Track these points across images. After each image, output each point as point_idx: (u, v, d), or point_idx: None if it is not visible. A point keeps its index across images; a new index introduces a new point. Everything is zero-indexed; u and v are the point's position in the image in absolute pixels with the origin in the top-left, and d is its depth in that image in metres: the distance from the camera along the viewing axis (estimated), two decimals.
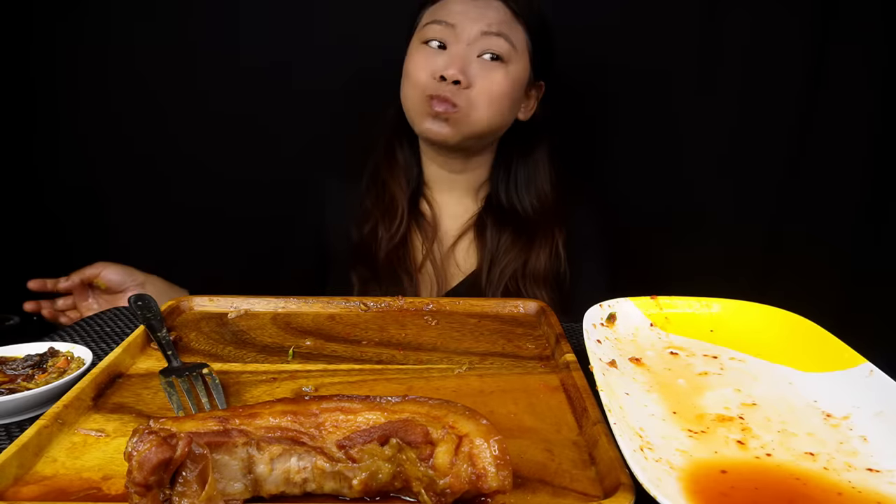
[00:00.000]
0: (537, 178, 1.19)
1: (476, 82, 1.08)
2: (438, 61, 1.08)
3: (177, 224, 1.51)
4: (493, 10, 1.09)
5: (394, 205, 1.19)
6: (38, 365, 0.77)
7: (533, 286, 1.15)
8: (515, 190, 1.20)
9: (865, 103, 1.40)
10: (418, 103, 1.10)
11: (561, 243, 1.18)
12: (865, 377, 0.69)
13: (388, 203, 1.20)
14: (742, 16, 1.38)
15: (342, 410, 0.54)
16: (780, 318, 0.84)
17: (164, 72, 1.43)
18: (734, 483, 0.55)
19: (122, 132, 1.47)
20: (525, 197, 1.19)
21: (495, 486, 0.49)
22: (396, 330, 0.90)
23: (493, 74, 1.08)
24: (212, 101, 1.44)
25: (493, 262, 1.17)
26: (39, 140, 1.47)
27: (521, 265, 1.16)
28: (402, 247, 1.19)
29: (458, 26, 1.07)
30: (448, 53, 1.08)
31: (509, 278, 1.15)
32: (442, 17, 1.09)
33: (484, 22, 1.07)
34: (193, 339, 0.86)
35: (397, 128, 1.22)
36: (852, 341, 0.74)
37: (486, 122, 1.11)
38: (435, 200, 1.24)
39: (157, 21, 1.40)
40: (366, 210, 1.21)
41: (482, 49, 1.08)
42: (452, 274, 1.21)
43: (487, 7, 1.09)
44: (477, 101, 1.08)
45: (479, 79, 1.08)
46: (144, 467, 0.47)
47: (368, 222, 1.20)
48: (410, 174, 1.22)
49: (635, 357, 0.78)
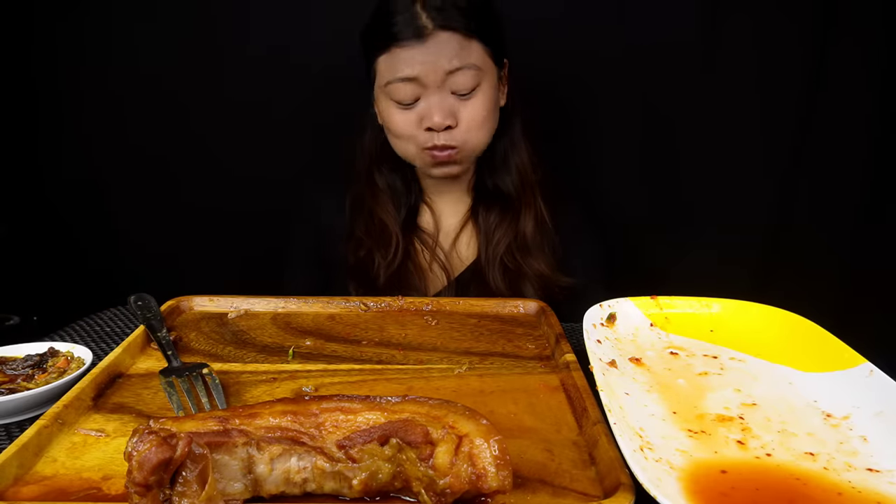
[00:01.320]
0: (514, 154, 1.21)
1: (461, 117, 1.09)
2: (418, 113, 1.08)
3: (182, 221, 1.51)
4: (444, 45, 1.05)
5: (386, 233, 1.19)
6: (38, 365, 0.77)
7: (527, 257, 1.17)
8: (498, 170, 1.21)
9: (865, 105, 1.40)
10: (417, 155, 1.12)
11: (545, 212, 1.19)
12: (865, 377, 0.69)
13: (380, 232, 1.19)
14: (742, 19, 1.38)
15: (342, 410, 0.54)
16: (780, 318, 0.84)
17: (168, 68, 1.43)
18: (734, 483, 0.55)
19: (126, 129, 1.46)
20: (506, 175, 1.21)
21: (495, 486, 0.49)
22: (396, 330, 0.90)
23: (473, 104, 1.09)
24: (217, 97, 1.44)
25: (488, 241, 1.19)
26: (42, 138, 1.47)
27: (512, 238, 1.18)
28: (403, 266, 1.19)
29: (422, 77, 1.06)
30: (425, 103, 1.08)
31: (504, 253, 1.17)
32: (403, 74, 1.06)
33: (443, 62, 1.05)
34: (193, 339, 0.86)
35: (377, 156, 1.21)
36: (852, 341, 0.74)
37: (485, 141, 1.14)
38: (435, 203, 1.25)
39: (158, 17, 1.40)
40: (357, 238, 1.20)
41: (453, 88, 1.07)
42: (456, 267, 1.22)
43: (439, 45, 1.05)
44: (469, 132, 1.10)
45: (462, 113, 1.09)
46: (144, 467, 0.47)
47: (362, 248, 1.19)
48: (398, 200, 1.22)
49: (635, 357, 0.78)
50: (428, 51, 1.05)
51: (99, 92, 1.44)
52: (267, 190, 1.47)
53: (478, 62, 1.08)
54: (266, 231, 1.46)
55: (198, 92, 1.44)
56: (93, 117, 1.46)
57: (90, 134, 1.47)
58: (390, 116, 1.11)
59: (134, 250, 1.53)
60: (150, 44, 1.41)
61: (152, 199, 1.51)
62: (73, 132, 1.47)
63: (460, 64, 1.06)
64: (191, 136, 1.46)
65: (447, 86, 1.07)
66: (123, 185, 1.50)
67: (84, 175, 1.49)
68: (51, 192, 1.49)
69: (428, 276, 1.20)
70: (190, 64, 1.43)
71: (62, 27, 1.41)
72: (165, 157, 1.48)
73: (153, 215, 1.52)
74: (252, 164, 1.48)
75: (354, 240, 1.20)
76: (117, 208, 1.52)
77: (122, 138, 1.47)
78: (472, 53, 1.07)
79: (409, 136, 1.10)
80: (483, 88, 1.09)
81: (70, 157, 1.48)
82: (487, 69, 1.10)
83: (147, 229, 1.52)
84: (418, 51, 1.05)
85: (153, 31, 1.41)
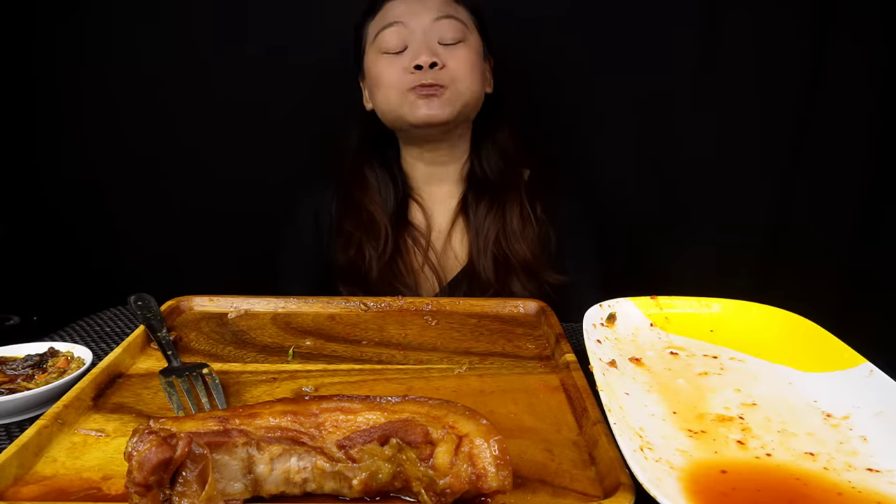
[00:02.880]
0: (500, 141, 1.23)
1: (448, 62, 1.11)
2: (406, 58, 1.11)
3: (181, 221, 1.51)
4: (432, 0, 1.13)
5: (375, 225, 1.19)
6: (38, 365, 0.77)
7: (515, 245, 1.18)
8: (486, 159, 1.23)
9: (865, 103, 1.39)
10: (402, 98, 1.12)
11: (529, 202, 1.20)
12: (865, 377, 0.69)
13: (368, 223, 1.20)
14: (741, 15, 1.38)
15: (342, 410, 0.54)
16: (780, 318, 0.84)
17: (167, 70, 1.43)
18: (734, 483, 0.55)
19: (124, 130, 1.46)
20: (493, 163, 1.22)
21: (495, 486, 0.49)
22: (396, 330, 0.90)
23: (459, 52, 1.12)
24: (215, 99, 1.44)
25: (478, 232, 1.20)
26: (41, 138, 1.47)
27: (501, 227, 1.19)
28: (393, 262, 1.19)
29: (409, 22, 1.11)
30: (411, 48, 1.11)
31: (493, 242, 1.18)
32: (390, 20, 1.12)
33: (431, 10, 1.12)
34: (193, 339, 0.86)
35: (363, 150, 1.24)
36: (852, 341, 0.74)
37: (472, 91, 1.15)
38: (424, 200, 1.25)
39: (159, 18, 1.40)
40: (347, 234, 1.21)
41: (439, 36, 1.12)
42: (451, 266, 1.22)
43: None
44: (456, 74, 1.12)
45: (449, 59, 1.12)
46: (144, 467, 0.47)
47: (352, 245, 1.20)
48: (387, 193, 1.22)
49: (635, 357, 0.78)
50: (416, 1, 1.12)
51: (98, 92, 1.44)
52: (266, 191, 1.47)
53: (463, 19, 1.14)
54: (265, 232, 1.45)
55: (197, 93, 1.45)
56: (92, 118, 1.46)
57: (89, 134, 1.47)
58: (379, 71, 1.14)
59: (134, 250, 1.53)
60: (150, 44, 1.41)
61: (152, 199, 1.51)
62: (71, 133, 1.47)
63: (446, 13, 1.12)
64: (190, 136, 1.46)
65: (433, 34, 1.12)
66: (123, 185, 1.50)
67: (84, 175, 1.49)
68: (50, 192, 1.49)
69: (419, 277, 1.20)
70: (189, 65, 1.43)
71: (62, 27, 1.41)
72: (164, 158, 1.48)
73: (153, 215, 1.52)
74: (251, 165, 1.48)
75: (344, 235, 1.21)
76: (117, 208, 1.52)
77: (121, 139, 1.47)
78: (459, 13, 1.14)
79: (396, 82, 1.12)
80: (468, 44, 1.14)
81: (69, 158, 1.48)
82: (473, 33, 1.16)
83: (147, 229, 1.52)
84: (408, 3, 1.12)
85: (153, 31, 1.41)
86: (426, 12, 1.11)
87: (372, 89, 1.18)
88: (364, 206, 1.21)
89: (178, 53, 1.42)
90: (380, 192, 1.22)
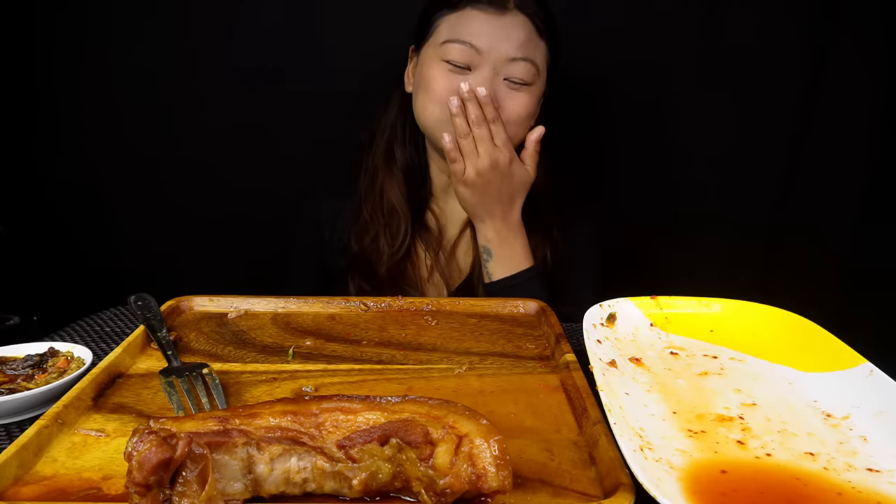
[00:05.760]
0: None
1: (503, 105, 1.05)
2: (464, 80, 1.04)
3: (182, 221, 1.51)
4: (519, 28, 1.04)
5: (395, 216, 1.16)
6: (38, 365, 0.77)
7: None
8: None
9: (865, 103, 1.40)
10: (443, 118, 1.07)
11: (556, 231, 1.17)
12: (865, 377, 0.69)
13: (389, 214, 1.16)
14: (742, 16, 1.38)
15: (342, 410, 0.54)
16: (780, 318, 0.84)
17: (167, 73, 1.43)
18: (734, 483, 0.55)
19: (124, 131, 1.46)
20: None
21: (495, 486, 0.49)
22: (396, 330, 0.90)
23: (519, 98, 1.07)
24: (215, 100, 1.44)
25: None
26: (40, 139, 1.47)
27: None
28: (404, 261, 1.16)
29: (484, 51, 1.04)
30: (474, 76, 1.05)
31: None
32: (466, 38, 1.04)
33: (511, 44, 1.04)
34: (193, 339, 0.86)
35: (399, 131, 1.19)
36: (852, 341, 0.74)
37: (517, 137, 1.10)
38: (441, 210, 1.22)
39: (159, 21, 1.40)
40: (364, 221, 1.17)
41: (508, 74, 1.05)
42: (454, 277, 1.22)
43: (514, 26, 1.04)
44: (509, 118, 1.06)
45: (505, 101, 1.06)
46: (144, 467, 0.47)
47: (368, 234, 1.16)
48: (412, 181, 1.18)
49: (635, 357, 0.78)
50: (503, 25, 1.04)
51: (98, 93, 1.44)
52: (266, 191, 1.47)
53: (538, 63, 1.07)
54: (265, 233, 1.46)
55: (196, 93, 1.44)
56: (91, 118, 1.46)
57: (88, 134, 1.47)
58: (433, 76, 1.07)
59: (134, 250, 1.53)
60: (150, 45, 1.41)
61: (152, 200, 1.51)
62: (71, 133, 1.47)
63: (524, 55, 1.04)
64: (189, 137, 1.46)
65: (503, 72, 1.05)
66: (123, 185, 1.50)
67: (83, 175, 1.49)
68: (50, 192, 1.49)
69: (426, 282, 1.19)
70: (189, 65, 1.43)
71: (62, 27, 1.41)
72: (164, 158, 1.48)
73: (153, 216, 1.52)
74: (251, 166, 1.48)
75: (361, 223, 1.18)
76: (117, 208, 1.52)
77: (121, 139, 1.47)
78: (537, 53, 1.07)
79: (443, 98, 1.05)
80: (533, 91, 1.08)
81: (69, 158, 1.48)
82: (541, 78, 1.08)
83: (147, 229, 1.52)
84: (493, 22, 1.03)
85: (153, 32, 1.41)
86: (505, 47, 1.03)
87: (417, 84, 1.11)
88: (387, 195, 1.17)
89: (178, 54, 1.42)
90: (406, 180, 1.17)
